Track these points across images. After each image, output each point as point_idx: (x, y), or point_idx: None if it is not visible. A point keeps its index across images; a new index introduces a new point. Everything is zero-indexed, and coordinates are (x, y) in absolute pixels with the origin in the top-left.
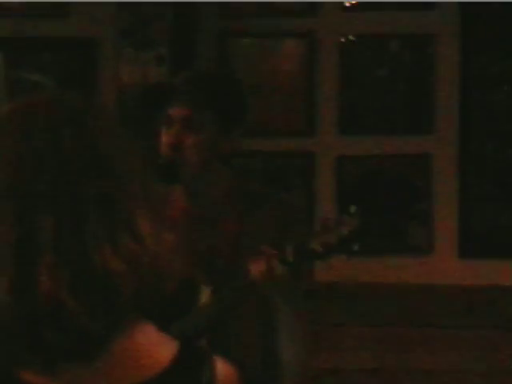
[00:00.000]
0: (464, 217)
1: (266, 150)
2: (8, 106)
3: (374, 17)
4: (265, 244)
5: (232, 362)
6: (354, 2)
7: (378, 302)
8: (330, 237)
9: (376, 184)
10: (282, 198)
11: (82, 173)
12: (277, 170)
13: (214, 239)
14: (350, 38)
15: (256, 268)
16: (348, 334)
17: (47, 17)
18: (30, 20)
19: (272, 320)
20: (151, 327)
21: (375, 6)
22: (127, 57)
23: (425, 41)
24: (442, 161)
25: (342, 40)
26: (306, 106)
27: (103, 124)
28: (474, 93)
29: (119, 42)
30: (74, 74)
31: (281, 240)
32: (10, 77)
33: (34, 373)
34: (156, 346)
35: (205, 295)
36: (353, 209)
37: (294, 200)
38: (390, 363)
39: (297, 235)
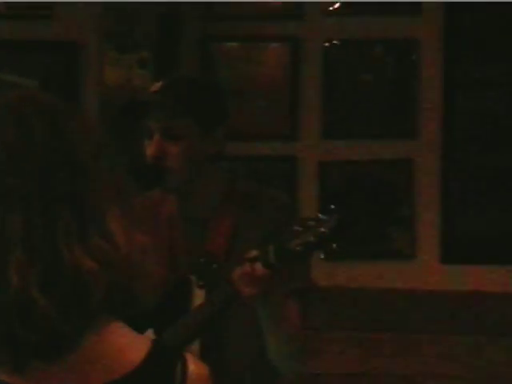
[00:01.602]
0: (446, 222)
1: (248, 154)
2: None
3: (357, 21)
4: (253, 244)
5: (225, 363)
6: (337, 7)
7: (361, 306)
8: (308, 236)
9: (359, 189)
10: (276, 195)
11: (53, 170)
12: (259, 174)
13: (208, 241)
14: (334, 42)
15: (238, 272)
16: (330, 339)
17: (29, 19)
18: (12, 21)
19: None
20: (123, 326)
21: (359, 10)
22: (111, 60)
23: (408, 46)
24: (425, 166)
25: (326, 44)
26: (289, 110)
27: (78, 123)
28: (457, 98)
29: (103, 44)
30: (57, 76)
31: (264, 241)
32: None
33: (6, 372)
34: (127, 345)
35: (198, 297)
36: (331, 208)
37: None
38: (373, 368)
39: (278, 236)
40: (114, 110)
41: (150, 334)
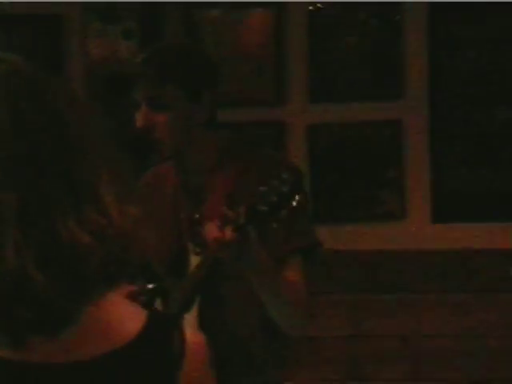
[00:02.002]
0: (436, 182)
1: (235, 120)
2: None
3: None
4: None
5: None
6: None
7: (352, 268)
8: (272, 196)
9: (347, 151)
10: (270, 154)
11: (43, 146)
12: (249, 139)
13: (205, 207)
14: (318, 5)
15: (210, 232)
16: (322, 302)
17: None
18: None
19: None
20: (119, 298)
21: None
22: (95, 31)
23: (392, 7)
24: (413, 126)
25: (310, 8)
26: (275, 75)
27: (66, 97)
28: (442, 57)
29: (86, 16)
30: (41, 50)
31: (234, 202)
32: None
33: (5, 348)
34: (125, 317)
35: (194, 263)
36: (295, 167)
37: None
38: (365, 329)
39: (250, 197)
40: (99, 83)
41: (159, 304)
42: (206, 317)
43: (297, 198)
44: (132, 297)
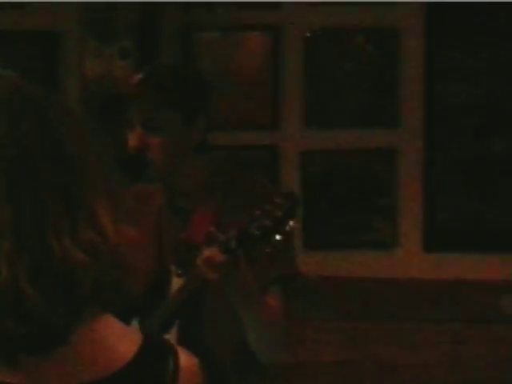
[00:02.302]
0: (429, 211)
1: (229, 144)
2: None
3: (338, 10)
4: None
5: (204, 354)
6: None
7: (343, 295)
8: (265, 220)
9: (341, 178)
10: (259, 181)
11: (42, 161)
12: (240, 163)
13: (190, 230)
14: (315, 31)
15: (200, 257)
16: (312, 328)
17: (6, 9)
18: None
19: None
20: (114, 319)
21: None
22: (91, 50)
23: (389, 34)
24: (407, 155)
25: (307, 34)
26: (270, 100)
27: (64, 114)
28: (438, 86)
29: (83, 34)
30: (36, 68)
31: (225, 227)
32: None
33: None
34: (119, 339)
35: (176, 286)
36: (289, 192)
37: (268, 183)
38: (354, 357)
39: (242, 221)
40: (95, 102)
41: (135, 324)
42: (185, 339)
43: (290, 223)
44: None
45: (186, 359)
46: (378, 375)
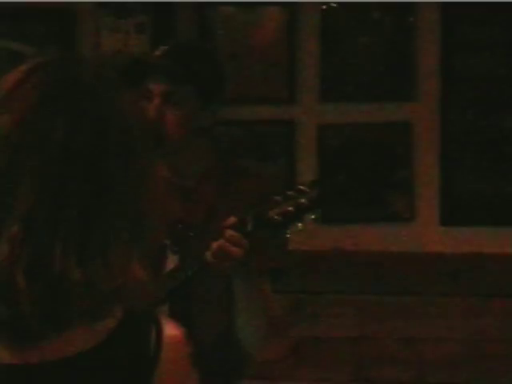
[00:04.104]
0: (445, 184)
1: (245, 119)
2: None
3: None
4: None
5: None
6: None
7: (360, 270)
8: (288, 206)
9: (357, 152)
10: (261, 171)
11: (67, 177)
12: (257, 138)
13: (188, 210)
14: (332, 4)
15: (213, 245)
16: (329, 303)
17: None
18: None
19: (231, 297)
20: None
21: None
22: (107, 25)
23: (406, 8)
24: (424, 128)
25: (324, 7)
26: (286, 74)
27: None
28: (455, 60)
29: (99, 10)
30: (53, 44)
31: (244, 212)
32: None
33: None
34: None
35: (171, 262)
36: (314, 180)
37: (273, 172)
38: (372, 331)
39: (259, 206)
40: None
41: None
42: (174, 318)
43: (318, 211)
44: None
45: (170, 329)
46: (394, 349)
